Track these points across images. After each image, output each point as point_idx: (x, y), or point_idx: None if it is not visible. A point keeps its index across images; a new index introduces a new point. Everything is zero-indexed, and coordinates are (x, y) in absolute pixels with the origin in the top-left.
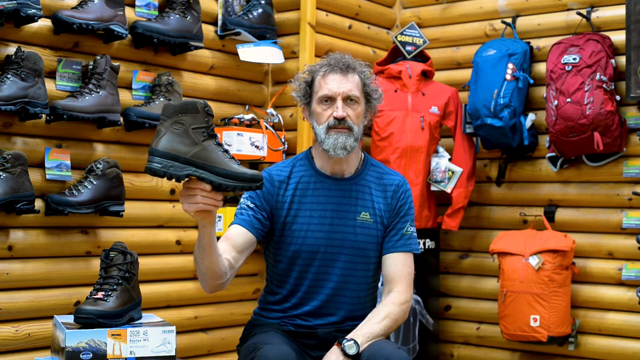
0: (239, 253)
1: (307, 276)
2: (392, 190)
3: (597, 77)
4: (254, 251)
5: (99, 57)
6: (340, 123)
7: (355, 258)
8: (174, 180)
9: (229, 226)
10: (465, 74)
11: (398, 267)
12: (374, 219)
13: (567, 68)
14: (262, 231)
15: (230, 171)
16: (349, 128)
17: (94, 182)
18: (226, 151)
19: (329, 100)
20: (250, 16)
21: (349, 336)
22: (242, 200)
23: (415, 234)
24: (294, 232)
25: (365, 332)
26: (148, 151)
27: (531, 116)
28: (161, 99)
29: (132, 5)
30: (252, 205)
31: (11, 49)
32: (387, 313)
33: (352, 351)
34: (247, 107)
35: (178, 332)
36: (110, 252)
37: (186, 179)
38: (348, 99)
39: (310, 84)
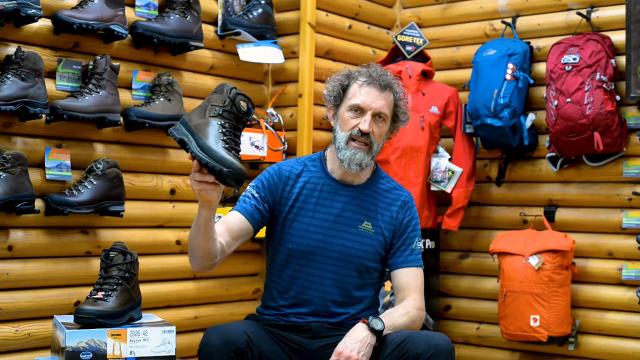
0: (233, 239)
1: (300, 276)
2: (398, 205)
3: (597, 77)
4: (254, 251)
5: (99, 57)
6: (363, 137)
7: (350, 265)
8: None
9: (229, 211)
10: (465, 74)
11: (411, 278)
12: (375, 230)
13: (567, 68)
14: (261, 222)
15: (207, 146)
16: (370, 145)
17: (94, 182)
18: (225, 133)
19: (359, 110)
20: (250, 16)
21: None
22: (248, 187)
23: (422, 251)
24: (293, 230)
25: (388, 320)
26: None
27: (531, 116)
28: (161, 99)
29: (132, 5)
30: (256, 195)
31: (11, 49)
32: (406, 311)
33: (378, 327)
34: None
35: (178, 332)
36: (110, 252)
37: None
38: (377, 116)
39: (345, 88)
